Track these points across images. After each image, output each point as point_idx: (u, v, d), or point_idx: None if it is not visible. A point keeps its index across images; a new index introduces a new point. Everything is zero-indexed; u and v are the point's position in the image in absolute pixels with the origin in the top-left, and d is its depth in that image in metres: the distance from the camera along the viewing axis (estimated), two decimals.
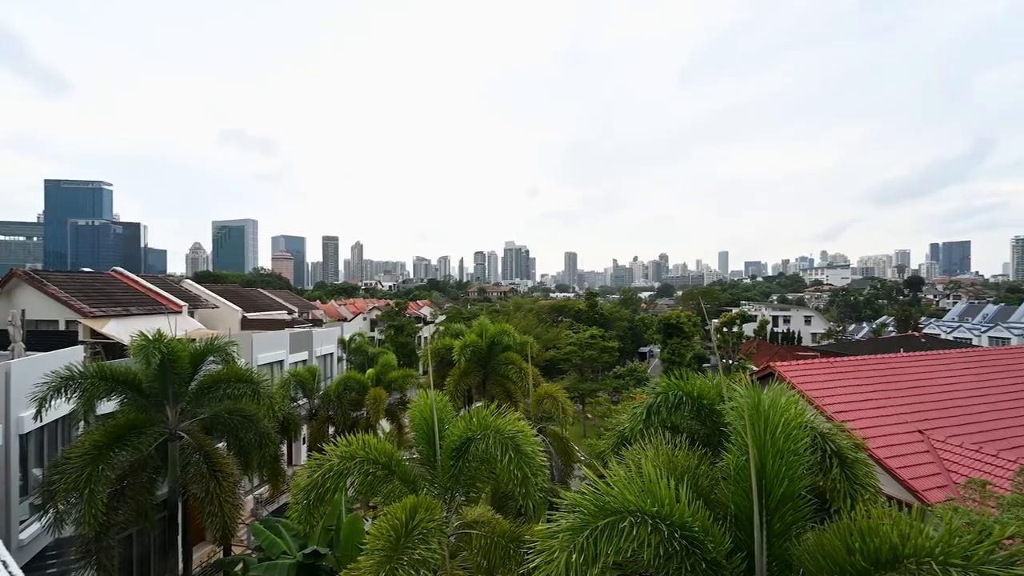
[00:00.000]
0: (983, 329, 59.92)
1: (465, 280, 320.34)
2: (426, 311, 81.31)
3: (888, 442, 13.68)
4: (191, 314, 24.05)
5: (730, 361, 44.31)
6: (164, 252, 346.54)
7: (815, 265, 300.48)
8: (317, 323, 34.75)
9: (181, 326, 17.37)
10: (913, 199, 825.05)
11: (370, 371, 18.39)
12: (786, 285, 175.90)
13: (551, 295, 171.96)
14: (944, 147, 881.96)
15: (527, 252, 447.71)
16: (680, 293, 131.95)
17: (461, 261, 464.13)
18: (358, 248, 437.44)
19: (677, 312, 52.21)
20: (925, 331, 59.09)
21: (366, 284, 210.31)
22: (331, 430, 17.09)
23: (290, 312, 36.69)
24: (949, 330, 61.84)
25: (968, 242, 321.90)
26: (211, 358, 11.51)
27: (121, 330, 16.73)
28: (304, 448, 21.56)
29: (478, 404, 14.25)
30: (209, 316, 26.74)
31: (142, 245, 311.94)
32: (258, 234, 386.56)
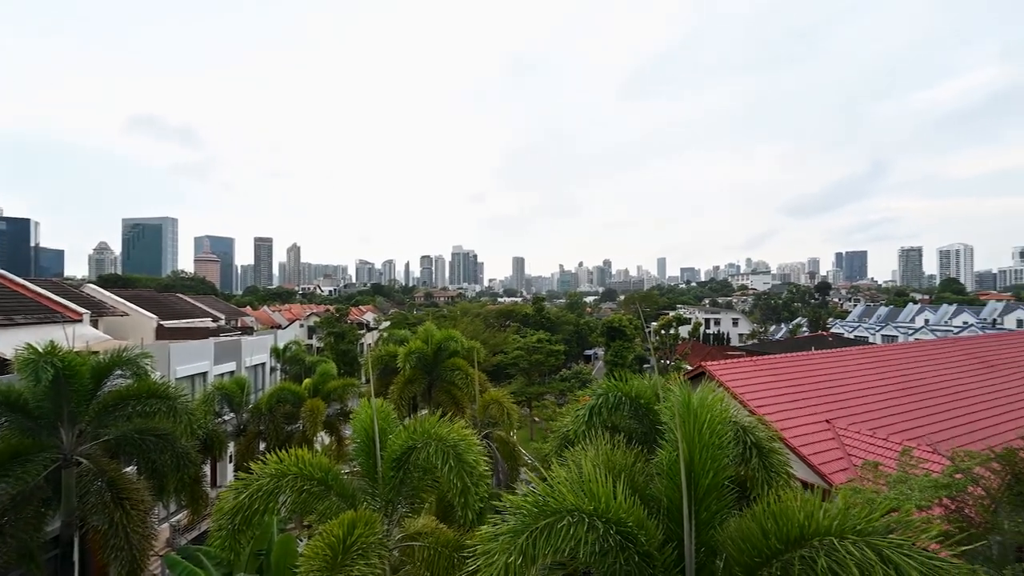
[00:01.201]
0: (877, 328, 68.31)
1: (411, 284, 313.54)
2: (369, 317, 78.33)
3: (801, 432, 15.10)
4: (94, 323, 21.43)
5: (667, 362, 46.86)
6: (61, 252, 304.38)
7: (741, 271, 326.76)
8: (247, 331, 32.35)
9: (81, 336, 15.43)
10: (822, 213, 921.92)
11: (307, 381, 17.33)
12: (717, 290, 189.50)
13: (499, 300, 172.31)
14: (847, 167, 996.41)
15: (475, 257, 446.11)
16: (623, 297, 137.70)
17: (407, 265, 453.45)
18: (295, 250, 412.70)
19: (619, 316, 54.43)
20: (832, 331, 66.37)
21: (303, 289, 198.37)
22: (262, 446, 15.91)
23: (215, 319, 33.85)
24: (851, 329, 69.84)
25: (865, 252, 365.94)
26: (118, 372, 10.30)
27: (2, 343, 14.55)
28: (231, 467, 19.91)
29: (424, 412, 13.94)
30: (117, 325, 23.99)
31: (32, 244, 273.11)
32: (178, 234, 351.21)
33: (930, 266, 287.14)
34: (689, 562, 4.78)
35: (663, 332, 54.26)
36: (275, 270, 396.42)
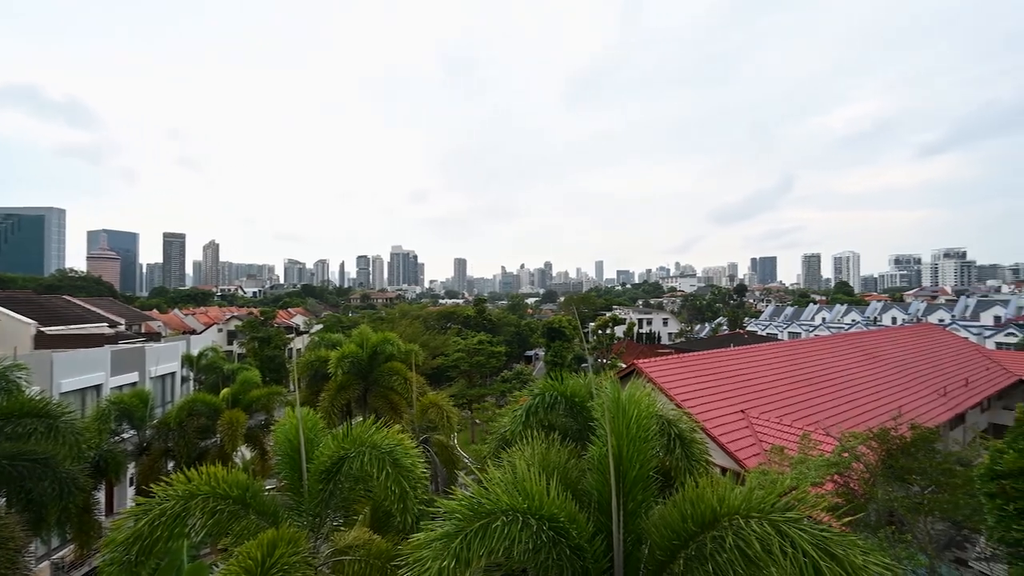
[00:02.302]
0: (784, 326, 76.32)
1: (347, 286, 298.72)
2: (299, 320, 73.52)
3: (720, 421, 16.42)
4: None
5: (603, 360, 48.83)
6: None
7: (671, 274, 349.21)
8: (153, 337, 29.03)
9: None
10: (741, 221, 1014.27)
11: (225, 391, 15.82)
12: (649, 291, 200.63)
13: (440, 301, 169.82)
14: (762, 180, 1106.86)
15: (415, 257, 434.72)
16: (563, 299, 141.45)
17: (342, 265, 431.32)
18: (212, 248, 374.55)
19: (559, 317, 55.83)
20: (748, 329, 73.19)
21: (223, 290, 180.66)
22: (171, 465, 14.31)
23: (113, 325, 30.01)
24: (763, 327, 77.44)
25: (775, 257, 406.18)
26: None
27: None
28: (132, 491, 17.71)
29: (359, 419, 13.33)
30: None
31: None
32: (66, 227, 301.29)
33: (827, 270, 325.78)
34: (617, 551, 4.98)
35: (600, 332, 56.49)
36: (188, 269, 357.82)
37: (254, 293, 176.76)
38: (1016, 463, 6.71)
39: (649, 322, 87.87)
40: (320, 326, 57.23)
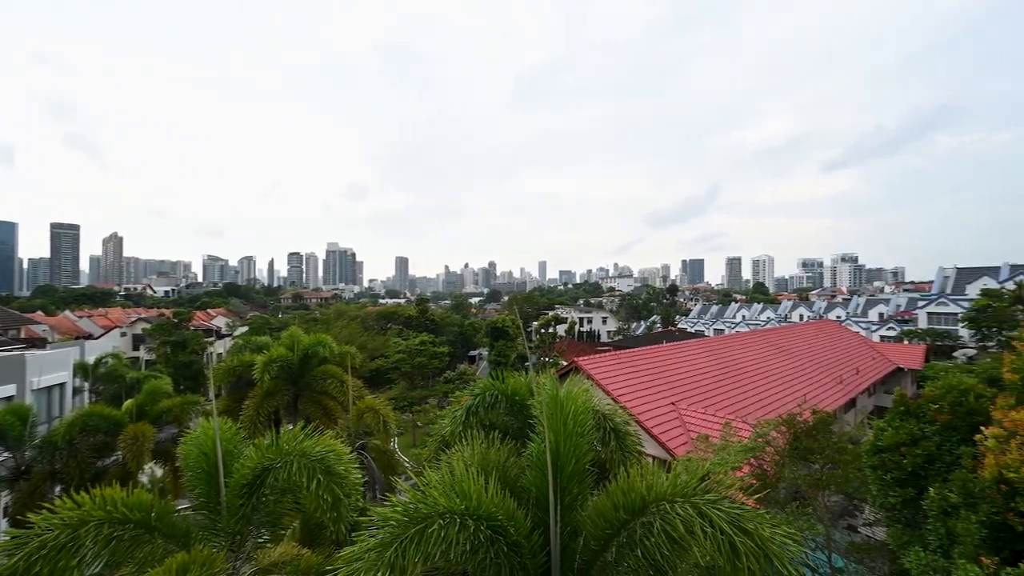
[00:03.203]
0: (711, 323, 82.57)
1: (277, 285, 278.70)
2: (221, 322, 67.44)
3: (652, 414, 17.37)
4: None
5: (546, 359, 49.82)
6: None
7: (610, 275, 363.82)
8: (36, 343, 25.26)
9: None
10: (674, 225, 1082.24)
11: (129, 402, 14.03)
12: (590, 291, 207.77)
13: (380, 301, 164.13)
14: (693, 188, 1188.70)
15: (353, 255, 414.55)
16: (507, 298, 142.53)
17: (271, 263, 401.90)
18: (115, 241, 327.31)
19: (503, 316, 56.17)
20: (679, 326, 78.31)
21: (128, 289, 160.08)
22: (58, 489, 12.48)
23: None
24: (692, 324, 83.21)
25: (703, 260, 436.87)
26: None
27: None
28: (5, 522, 15.26)
29: (289, 427, 12.48)
30: None
31: None
32: None
33: (747, 272, 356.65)
34: (554, 545, 5.07)
35: (543, 331, 57.60)
36: (84, 265, 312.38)
37: (166, 293, 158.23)
38: (893, 439, 7.74)
39: (589, 321, 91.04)
40: (245, 328, 52.86)
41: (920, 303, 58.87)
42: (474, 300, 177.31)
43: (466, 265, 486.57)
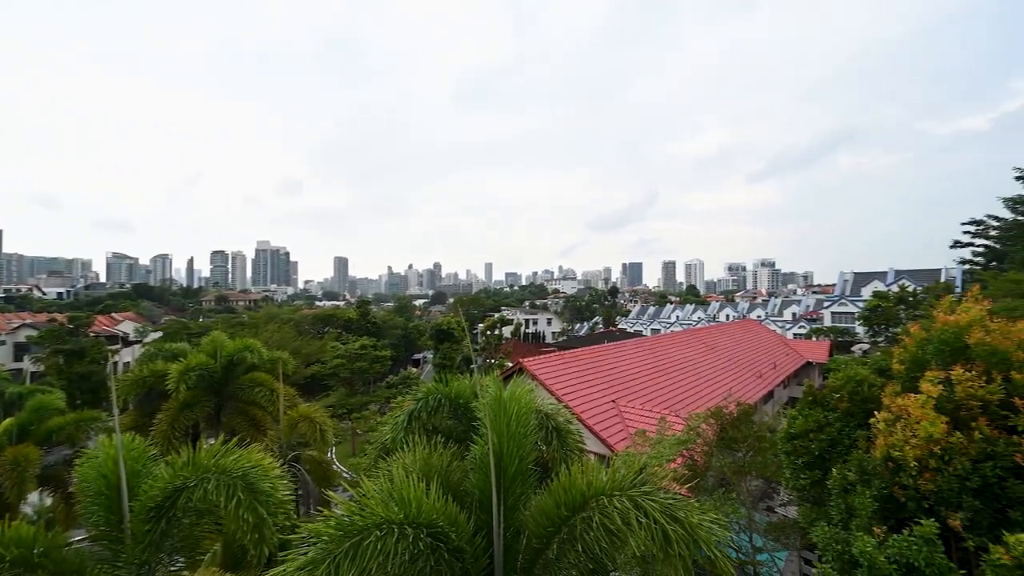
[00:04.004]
0: (648, 323, 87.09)
1: (198, 286, 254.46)
2: (129, 327, 60.46)
3: (594, 411, 17.93)
4: None
5: (492, 361, 49.83)
6: None
7: (555, 277, 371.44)
8: None
9: None
10: (615, 229, 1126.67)
11: (8, 421, 11.99)
12: (535, 293, 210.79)
13: (317, 303, 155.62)
14: (633, 194, 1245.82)
15: (287, 255, 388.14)
16: (452, 300, 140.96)
17: (191, 262, 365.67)
18: None
19: (448, 318, 55.43)
20: (619, 326, 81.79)
21: (9, 290, 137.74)
22: None
23: None
24: (631, 325, 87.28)
25: (641, 263, 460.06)
26: None
27: None
28: None
29: (210, 441, 11.42)
30: None
31: None
32: None
33: (681, 275, 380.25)
34: (497, 546, 5.04)
35: (489, 333, 57.56)
36: None
37: (60, 295, 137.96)
38: (803, 426, 8.56)
39: (535, 322, 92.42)
40: (158, 334, 47.71)
41: (825, 304, 66.09)
42: (419, 302, 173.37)
43: (410, 266, 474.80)
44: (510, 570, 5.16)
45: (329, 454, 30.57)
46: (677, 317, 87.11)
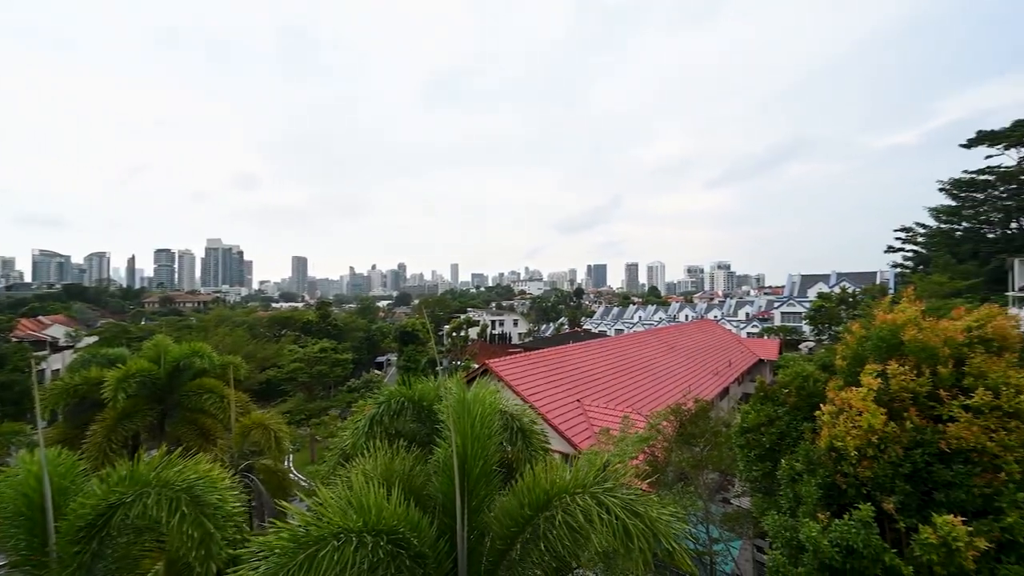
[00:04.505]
0: (612, 323, 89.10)
1: (140, 287, 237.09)
2: (59, 331, 55.60)
3: (559, 411, 18.10)
4: None
5: (457, 362, 49.41)
6: None
7: (521, 278, 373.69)
8: None
9: None
10: (581, 231, 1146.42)
11: None
12: (502, 294, 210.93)
13: (274, 305, 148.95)
14: (599, 197, 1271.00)
15: (240, 254, 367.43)
16: (417, 301, 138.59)
17: (132, 261, 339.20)
18: None
19: (413, 320, 54.51)
20: (584, 327, 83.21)
21: None
22: None
23: None
24: (596, 325, 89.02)
25: (606, 265, 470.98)
26: None
27: None
28: None
29: (151, 453, 10.64)
30: None
31: None
32: None
33: (643, 276, 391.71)
34: (461, 550, 4.96)
35: (455, 334, 57.06)
36: None
37: None
38: (755, 420, 8.98)
39: (501, 323, 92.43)
40: (94, 338, 44.06)
41: (775, 304, 69.97)
42: (382, 303, 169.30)
43: (373, 267, 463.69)
44: (474, 573, 5.10)
45: (286, 462, 29.28)
46: (640, 317, 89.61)
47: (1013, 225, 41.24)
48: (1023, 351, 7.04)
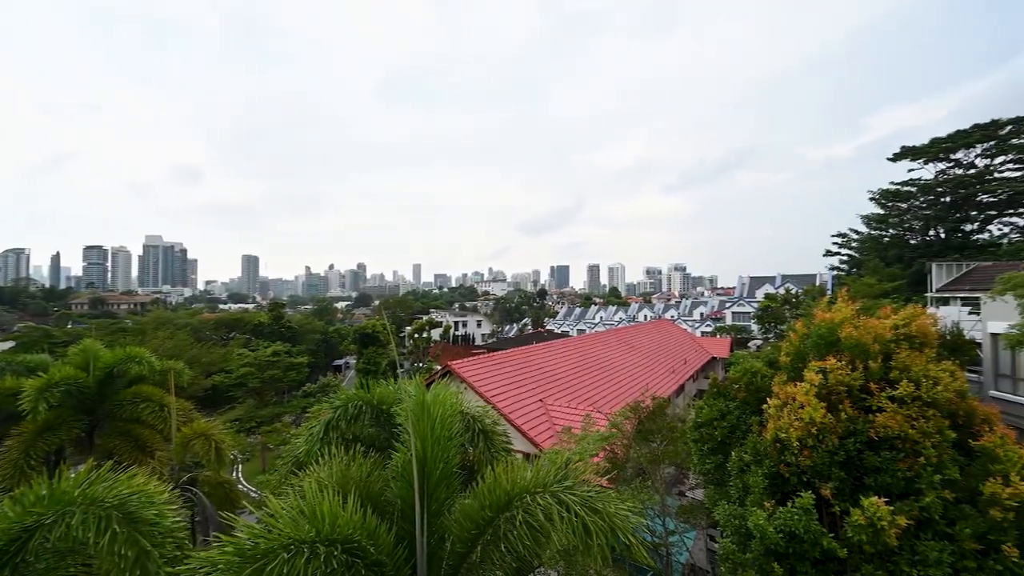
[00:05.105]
0: (575, 324, 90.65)
1: (67, 286, 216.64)
2: None
3: (522, 411, 18.17)
4: None
5: (420, 364, 48.60)
6: None
7: (485, 279, 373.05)
8: None
9: None
10: (544, 232, 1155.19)
11: None
12: (465, 295, 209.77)
13: (222, 307, 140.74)
14: (562, 199, 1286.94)
15: (184, 251, 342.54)
16: (377, 302, 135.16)
17: (56, 258, 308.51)
18: None
19: (373, 321, 53.06)
20: (548, 327, 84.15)
21: None
22: None
23: None
24: (559, 325, 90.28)
25: (568, 266, 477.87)
26: None
27: None
28: None
29: (77, 468, 9.73)
30: None
31: None
32: None
33: (604, 278, 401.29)
34: (420, 555, 4.85)
35: (417, 336, 56.10)
36: None
37: None
38: (708, 416, 9.40)
39: (464, 324, 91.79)
40: (10, 344, 39.81)
41: (726, 305, 73.66)
42: (341, 304, 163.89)
43: (331, 267, 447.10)
44: None
45: (234, 473, 27.67)
46: (601, 318, 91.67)
47: (931, 233, 45.54)
48: (940, 347, 7.77)
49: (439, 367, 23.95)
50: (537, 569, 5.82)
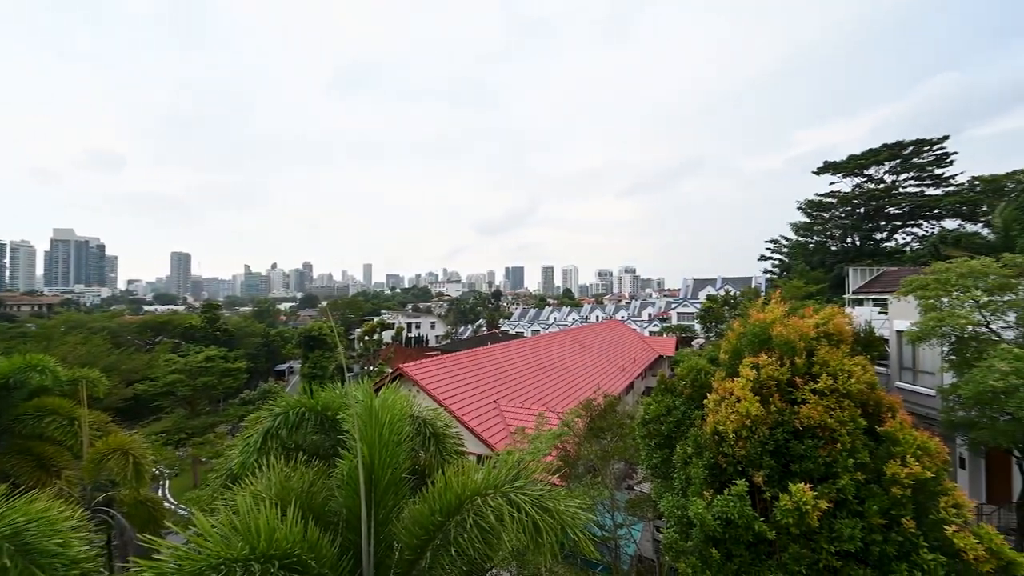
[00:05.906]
0: (529, 325, 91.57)
1: None
2: None
3: (476, 413, 18.06)
4: None
5: (371, 367, 47.05)
6: None
7: (439, 279, 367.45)
8: None
9: None
10: (499, 233, 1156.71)
11: None
12: (418, 296, 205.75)
13: (147, 308, 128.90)
14: (517, 200, 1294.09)
15: (101, 247, 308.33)
16: (325, 303, 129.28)
17: None
18: None
19: (320, 323, 50.69)
20: (502, 328, 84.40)
21: None
22: None
23: None
24: (514, 326, 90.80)
25: (523, 267, 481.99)
26: None
27: None
28: None
29: None
30: None
31: None
32: None
33: (558, 279, 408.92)
34: (367, 565, 4.65)
35: (367, 338, 54.29)
36: None
37: None
38: (656, 412, 9.80)
39: (418, 326, 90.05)
40: None
41: (672, 305, 77.50)
42: (284, 306, 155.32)
43: (273, 265, 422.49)
44: None
45: (160, 490, 25.37)
46: (555, 319, 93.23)
47: (849, 240, 50.46)
48: (855, 343, 8.56)
49: (391, 370, 23.29)
50: (490, 571, 5.78)
